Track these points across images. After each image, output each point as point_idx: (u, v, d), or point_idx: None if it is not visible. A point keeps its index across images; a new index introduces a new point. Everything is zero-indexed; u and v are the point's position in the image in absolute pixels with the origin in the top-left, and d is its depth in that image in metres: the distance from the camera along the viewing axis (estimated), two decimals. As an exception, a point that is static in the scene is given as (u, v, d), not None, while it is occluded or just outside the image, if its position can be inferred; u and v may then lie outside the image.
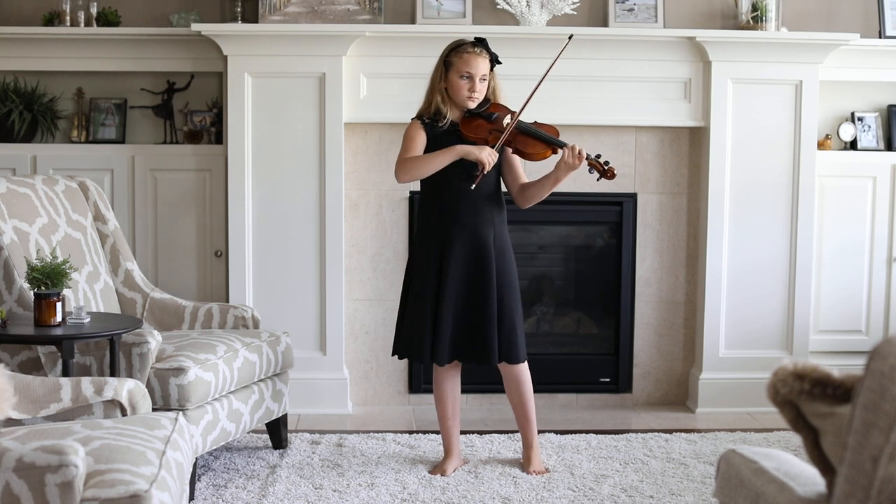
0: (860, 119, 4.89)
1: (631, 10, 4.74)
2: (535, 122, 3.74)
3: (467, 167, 3.63)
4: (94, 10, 4.67)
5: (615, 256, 4.84)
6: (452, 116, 3.72)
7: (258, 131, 4.54)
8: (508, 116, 3.68)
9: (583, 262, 4.98)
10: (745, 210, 4.68)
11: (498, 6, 4.68)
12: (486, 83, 3.69)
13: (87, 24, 4.66)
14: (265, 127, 4.54)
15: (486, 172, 3.58)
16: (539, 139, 3.67)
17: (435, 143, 3.69)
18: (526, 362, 3.79)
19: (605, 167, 3.63)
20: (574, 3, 4.70)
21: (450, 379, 3.83)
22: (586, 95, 4.62)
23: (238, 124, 4.52)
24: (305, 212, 4.57)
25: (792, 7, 4.89)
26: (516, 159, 3.80)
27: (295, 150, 4.55)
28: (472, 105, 3.69)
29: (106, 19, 4.68)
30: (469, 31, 4.53)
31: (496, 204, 3.74)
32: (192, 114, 4.77)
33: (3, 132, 4.66)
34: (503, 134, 3.63)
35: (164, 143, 4.75)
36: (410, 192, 4.70)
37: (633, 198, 4.78)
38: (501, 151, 3.72)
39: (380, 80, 4.59)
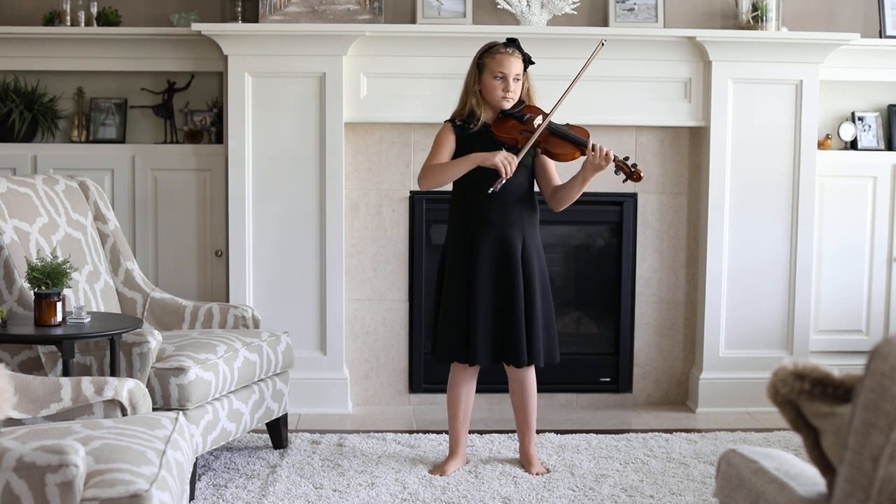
0: (860, 119, 4.89)
1: (631, 9, 4.74)
2: (567, 123, 3.76)
3: (491, 174, 3.61)
4: (94, 10, 4.67)
5: (615, 256, 4.84)
6: (486, 118, 3.72)
7: (258, 131, 4.54)
8: (540, 117, 3.69)
9: (583, 261, 4.98)
10: (745, 210, 4.68)
11: (498, 6, 4.68)
12: (520, 83, 3.71)
13: (88, 23, 4.66)
14: (265, 127, 4.54)
15: (507, 177, 3.56)
16: (567, 140, 3.69)
17: (466, 145, 3.71)
18: (533, 367, 3.81)
19: (632, 169, 3.64)
20: (574, 3, 4.70)
21: (467, 381, 3.83)
22: (586, 95, 4.62)
23: (238, 124, 4.52)
24: (305, 212, 4.57)
25: (792, 7, 4.89)
26: (550, 162, 3.80)
27: (295, 150, 4.55)
28: (507, 105, 3.70)
29: (106, 19, 4.68)
30: (469, 32, 4.53)
31: (527, 206, 3.75)
32: (192, 113, 4.77)
33: (3, 132, 4.66)
34: (533, 134, 3.64)
35: (165, 142, 4.75)
36: (411, 192, 4.70)
37: (633, 198, 4.79)
38: (534, 154, 3.74)
39: (380, 80, 4.59)
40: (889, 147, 4.92)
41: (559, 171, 3.85)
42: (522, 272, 3.69)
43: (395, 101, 4.57)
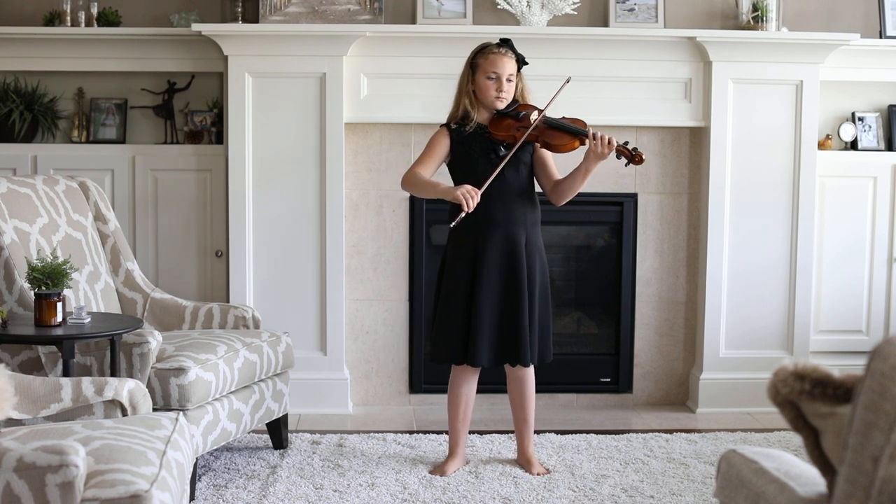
0: (861, 119, 4.89)
1: (631, 10, 4.74)
2: (563, 116, 3.77)
3: (454, 207, 3.62)
4: (94, 10, 4.67)
5: (615, 256, 4.84)
6: (480, 119, 3.72)
7: (258, 131, 4.54)
8: (535, 113, 3.70)
9: (583, 262, 4.98)
10: (745, 210, 4.68)
11: (498, 6, 4.68)
12: (513, 84, 3.71)
13: (88, 24, 4.67)
14: (265, 127, 4.54)
15: (469, 211, 3.54)
16: (566, 131, 3.69)
17: (462, 147, 3.71)
18: (532, 366, 3.81)
19: (634, 153, 3.65)
20: (574, 3, 4.70)
21: (467, 381, 3.83)
22: (586, 95, 4.62)
23: (238, 124, 4.52)
24: (306, 212, 4.57)
25: (792, 7, 4.89)
26: (548, 157, 3.81)
27: (295, 150, 4.55)
28: (501, 105, 3.70)
29: (106, 19, 4.68)
30: (469, 31, 4.53)
31: (529, 203, 3.74)
32: (192, 114, 4.77)
33: (3, 132, 4.66)
34: (528, 128, 3.64)
35: (165, 143, 4.75)
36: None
37: (633, 198, 4.79)
38: (532, 149, 3.74)
39: (380, 80, 4.59)
40: (889, 147, 4.93)
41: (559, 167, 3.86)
42: (526, 271, 3.70)
43: (395, 101, 4.57)
